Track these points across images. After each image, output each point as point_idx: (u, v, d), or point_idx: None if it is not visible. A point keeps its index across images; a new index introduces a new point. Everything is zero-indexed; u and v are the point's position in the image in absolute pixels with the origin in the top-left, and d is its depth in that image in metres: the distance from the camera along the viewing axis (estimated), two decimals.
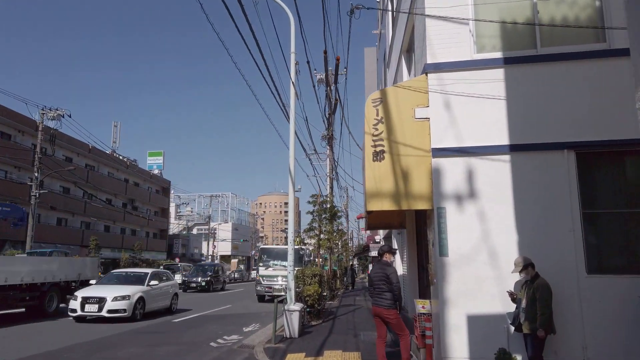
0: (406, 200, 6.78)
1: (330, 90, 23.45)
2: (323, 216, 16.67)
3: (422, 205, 6.78)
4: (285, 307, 10.10)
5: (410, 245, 10.07)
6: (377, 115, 7.03)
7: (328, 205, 17.06)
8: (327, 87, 18.11)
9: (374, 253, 35.68)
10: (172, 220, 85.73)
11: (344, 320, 13.25)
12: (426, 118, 6.92)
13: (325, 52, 14.25)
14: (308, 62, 14.02)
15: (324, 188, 21.43)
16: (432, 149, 6.80)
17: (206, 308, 17.97)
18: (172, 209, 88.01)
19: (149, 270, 15.61)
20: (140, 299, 13.65)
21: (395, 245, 13.56)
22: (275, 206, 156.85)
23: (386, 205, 6.82)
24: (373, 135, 6.98)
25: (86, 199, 44.19)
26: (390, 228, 10.52)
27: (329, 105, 23.65)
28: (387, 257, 6.86)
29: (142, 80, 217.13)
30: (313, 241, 17.43)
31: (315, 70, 28.26)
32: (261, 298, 21.52)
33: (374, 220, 9.77)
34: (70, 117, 35.11)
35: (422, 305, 7.19)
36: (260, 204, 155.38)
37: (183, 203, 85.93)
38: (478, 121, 6.76)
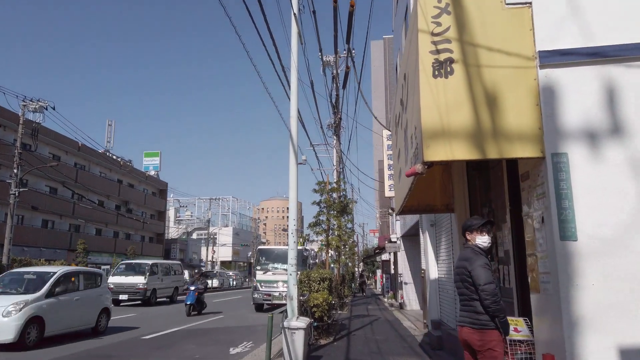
0: (494, 144, 3.86)
1: (337, 63, 20.61)
2: (331, 211, 13.74)
3: (524, 151, 3.85)
4: (285, 323, 7.16)
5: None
6: (439, 1, 4.12)
7: (335, 195, 14.11)
8: (336, 54, 15.23)
9: (385, 257, 32.56)
10: (171, 224, 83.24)
11: (362, 338, 10.29)
12: (526, 3, 4.02)
13: (335, 1, 11.39)
14: (314, 12, 11.17)
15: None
16: (540, 53, 3.90)
17: (191, 319, 15.02)
18: (171, 213, 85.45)
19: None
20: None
21: (427, 244, 10.59)
22: (278, 211, 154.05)
23: (459, 152, 3.90)
24: (433, 34, 4.07)
25: (75, 200, 41.37)
26: (432, 212, 7.65)
27: (336, 88, 20.85)
28: (470, 239, 3.96)
29: (139, 78, 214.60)
30: (320, 238, 14.48)
31: (320, 53, 25.69)
32: (259, 307, 18.56)
33: (414, 200, 6.87)
34: (54, 109, 32.38)
35: (513, 327, 4.25)
36: (263, 209, 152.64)
37: (182, 206, 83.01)
38: (621, 4, 3.85)
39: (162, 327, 12.78)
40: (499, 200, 6.14)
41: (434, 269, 10.17)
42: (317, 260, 19.50)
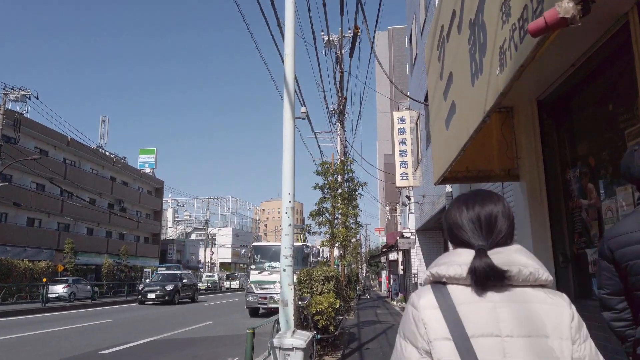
0: None
1: (341, 43, 18.63)
2: (339, 191, 11.47)
3: None
4: (275, 341, 4.95)
5: (536, 214, 4.90)
6: None
7: (340, 178, 11.85)
8: (341, 15, 13.01)
9: (392, 256, 30.22)
10: (169, 225, 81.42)
11: (379, 354, 8.06)
12: None
13: None
14: None
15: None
16: None
17: (174, 326, 12.82)
18: (169, 214, 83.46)
19: None
20: None
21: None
22: (279, 212, 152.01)
23: None
24: None
25: (64, 198, 39.19)
26: (485, 180, 5.40)
27: (340, 69, 18.78)
28: None
29: (136, 74, 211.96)
30: (324, 229, 12.23)
31: (322, 31, 23.64)
32: (254, 312, 16.35)
33: (462, 164, 4.66)
34: (37, 98, 30.36)
35: None
36: (263, 210, 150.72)
37: (179, 205, 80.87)
38: None
39: (134, 337, 10.59)
40: (605, 152, 3.94)
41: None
42: (319, 259, 17.32)
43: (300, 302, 6.51)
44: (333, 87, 21.93)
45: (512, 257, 1.08)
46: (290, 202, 5.56)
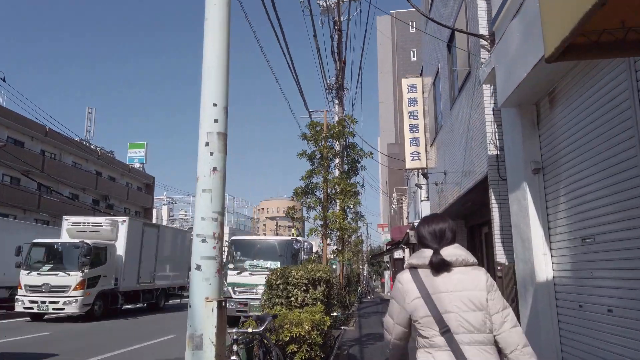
0: None
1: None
2: (336, 161, 8.45)
3: None
4: None
5: None
6: None
7: (338, 147, 8.82)
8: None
9: (397, 254, 27.29)
10: (164, 224, 78.75)
11: None
12: None
13: None
14: None
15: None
16: None
17: (124, 342, 9.86)
18: (164, 213, 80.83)
19: None
20: None
21: (526, 212, 5.39)
22: (278, 212, 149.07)
23: None
24: None
25: (41, 192, 36.26)
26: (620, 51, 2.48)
27: (338, 29, 15.96)
28: None
29: (130, 68, 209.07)
30: (313, 214, 9.09)
31: None
32: (232, 321, 13.37)
33: (612, 17, 1.81)
34: (4, 80, 27.32)
35: None
36: (262, 209, 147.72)
37: (169, 203, 77.96)
38: None
39: None
40: None
41: (542, 262, 4.97)
42: (312, 255, 14.32)
43: (253, 329, 3.55)
44: (331, 59, 19.13)
45: (453, 251, 2.09)
46: (216, 121, 2.60)
